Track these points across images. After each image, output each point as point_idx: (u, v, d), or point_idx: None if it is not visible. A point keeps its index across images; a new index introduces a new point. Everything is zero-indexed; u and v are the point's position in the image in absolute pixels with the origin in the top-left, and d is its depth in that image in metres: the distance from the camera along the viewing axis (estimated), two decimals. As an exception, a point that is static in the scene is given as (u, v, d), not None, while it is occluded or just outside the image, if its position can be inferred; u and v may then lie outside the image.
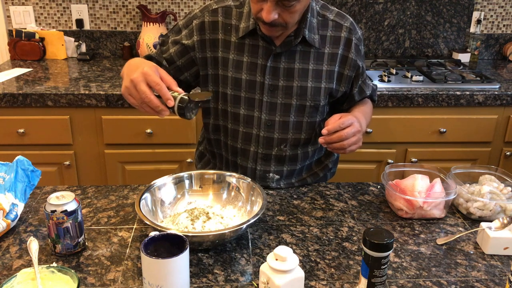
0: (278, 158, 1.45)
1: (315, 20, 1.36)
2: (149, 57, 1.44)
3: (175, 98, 1.15)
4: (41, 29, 2.67)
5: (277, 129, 1.41)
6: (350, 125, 1.26)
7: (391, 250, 0.94)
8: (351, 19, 1.42)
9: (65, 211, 1.05)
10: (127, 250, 1.12)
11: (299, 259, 1.06)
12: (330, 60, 1.39)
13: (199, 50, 1.39)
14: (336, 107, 1.53)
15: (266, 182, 1.47)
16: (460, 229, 1.24)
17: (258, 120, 1.40)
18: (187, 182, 1.31)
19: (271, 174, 1.46)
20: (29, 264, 1.06)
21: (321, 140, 1.26)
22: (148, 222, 1.08)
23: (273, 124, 1.41)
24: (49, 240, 1.09)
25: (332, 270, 1.07)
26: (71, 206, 1.06)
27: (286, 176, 1.48)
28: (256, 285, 1.01)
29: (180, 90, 1.17)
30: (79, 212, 1.08)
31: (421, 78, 2.38)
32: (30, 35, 2.61)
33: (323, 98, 1.41)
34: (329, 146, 1.28)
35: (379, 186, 1.45)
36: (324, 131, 1.25)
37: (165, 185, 1.27)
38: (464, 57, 2.79)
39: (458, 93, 2.26)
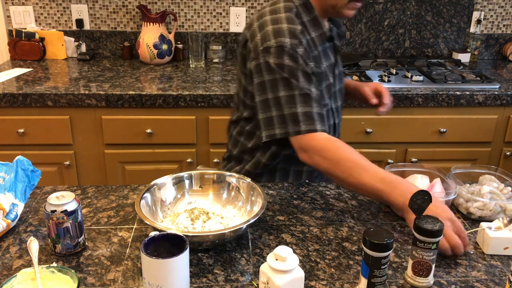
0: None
1: None
2: (309, 114, 1.28)
3: None
4: (41, 29, 2.67)
5: (341, 113, 1.57)
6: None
7: (391, 250, 0.94)
8: None
9: (65, 211, 1.05)
10: (127, 250, 1.12)
11: (299, 259, 1.06)
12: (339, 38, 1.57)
13: (314, 71, 1.36)
14: None
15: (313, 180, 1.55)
16: (460, 229, 1.24)
17: (331, 111, 1.50)
18: (187, 182, 1.31)
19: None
20: (29, 264, 1.06)
21: (383, 110, 1.53)
22: (148, 222, 1.08)
23: (339, 109, 1.56)
24: (49, 240, 1.09)
25: (332, 270, 1.07)
26: (71, 206, 1.06)
27: None
28: (256, 285, 1.01)
29: None
30: (79, 212, 1.08)
31: (421, 78, 2.38)
32: (30, 35, 2.61)
33: None
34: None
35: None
36: (382, 108, 1.54)
37: (165, 185, 1.27)
38: (464, 57, 2.79)
39: (458, 93, 2.26)
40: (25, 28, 2.65)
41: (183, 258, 0.90)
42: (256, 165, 1.50)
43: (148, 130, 2.24)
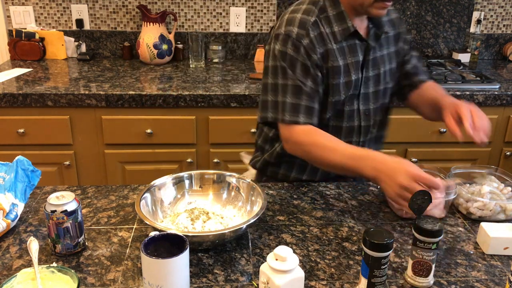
0: (370, 141, 1.53)
1: None
2: (296, 106, 1.34)
3: None
4: (41, 29, 2.67)
5: (372, 116, 1.49)
6: (480, 114, 1.29)
7: (391, 250, 0.94)
8: None
9: (65, 211, 1.05)
10: (127, 250, 1.12)
11: (299, 259, 1.06)
12: (394, 41, 1.51)
13: (320, 67, 1.36)
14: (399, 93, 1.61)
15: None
16: (460, 229, 1.24)
17: (358, 112, 1.46)
18: (187, 182, 1.31)
19: None
20: (29, 264, 1.06)
21: (479, 141, 1.27)
22: (148, 222, 1.08)
23: (369, 112, 1.48)
24: (49, 240, 1.09)
25: (332, 270, 1.07)
26: (71, 206, 1.06)
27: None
28: (256, 285, 1.01)
29: None
30: (79, 212, 1.08)
31: (421, 78, 2.38)
32: (30, 35, 2.61)
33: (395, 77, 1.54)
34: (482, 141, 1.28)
35: (379, 186, 1.45)
36: (483, 139, 1.27)
37: (165, 185, 1.27)
38: (464, 57, 2.79)
39: (458, 93, 2.26)
40: (25, 28, 2.65)
41: (183, 258, 0.90)
42: (271, 154, 1.54)
43: (148, 130, 2.24)
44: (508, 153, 2.40)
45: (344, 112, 1.44)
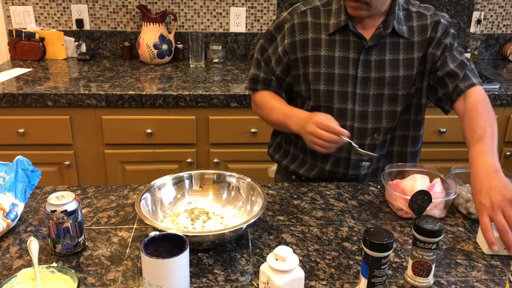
0: (371, 146, 1.48)
1: (401, 13, 1.42)
2: (256, 76, 1.53)
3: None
4: (41, 29, 2.67)
5: (370, 120, 1.45)
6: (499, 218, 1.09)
7: (391, 250, 0.94)
8: (433, 8, 1.47)
9: (65, 211, 1.05)
10: (127, 250, 1.12)
11: (299, 259, 1.06)
12: (420, 46, 1.43)
13: (291, 53, 1.46)
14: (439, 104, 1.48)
15: (358, 171, 1.50)
16: (460, 229, 1.24)
17: (352, 112, 1.44)
18: (187, 182, 1.31)
19: (363, 163, 1.49)
20: (29, 264, 1.06)
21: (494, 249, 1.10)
22: (148, 222, 1.08)
23: (366, 114, 1.45)
24: (49, 240, 1.09)
25: (332, 270, 1.07)
26: (71, 206, 1.06)
27: (375, 162, 1.52)
28: (256, 285, 1.01)
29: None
30: (79, 212, 1.08)
31: (421, 78, 2.37)
32: (30, 35, 2.61)
33: (413, 85, 1.46)
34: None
35: (379, 186, 1.45)
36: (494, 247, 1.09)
37: (165, 185, 1.27)
38: (464, 57, 2.79)
39: (458, 93, 2.26)
40: (25, 28, 2.65)
41: (183, 258, 0.90)
42: (275, 145, 1.65)
43: (148, 130, 2.24)
44: (508, 153, 2.40)
45: (334, 109, 1.43)
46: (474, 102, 1.35)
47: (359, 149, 1.33)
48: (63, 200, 1.06)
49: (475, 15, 2.82)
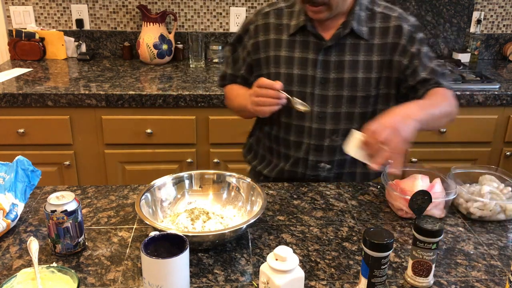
0: (330, 148, 1.47)
1: (363, 13, 1.40)
2: (224, 73, 1.60)
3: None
4: (41, 29, 2.67)
5: (328, 121, 1.44)
6: (383, 136, 1.13)
7: (391, 250, 0.94)
8: (400, 10, 1.44)
9: (65, 211, 1.05)
10: (127, 250, 1.12)
11: (299, 259, 1.06)
12: (380, 50, 1.40)
13: (253, 53, 1.49)
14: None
15: (317, 172, 1.50)
16: (460, 229, 1.24)
17: (310, 112, 1.43)
18: (187, 182, 1.31)
19: (322, 164, 1.49)
20: (29, 264, 1.06)
21: (376, 168, 1.14)
22: (148, 222, 1.08)
23: (325, 116, 1.44)
24: (49, 240, 1.09)
25: (332, 270, 1.07)
26: (71, 206, 1.06)
27: (337, 165, 1.51)
28: (256, 285, 1.01)
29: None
30: (79, 212, 1.08)
31: (421, 78, 2.37)
32: (30, 35, 2.61)
33: (374, 88, 1.43)
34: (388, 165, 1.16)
35: (379, 186, 1.45)
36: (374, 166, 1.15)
37: (165, 185, 1.27)
38: (464, 57, 2.79)
39: (458, 93, 2.26)
40: (25, 28, 2.65)
41: (183, 258, 0.90)
42: (248, 147, 1.70)
43: (148, 130, 2.24)
44: (508, 153, 2.40)
45: (293, 110, 1.42)
46: (435, 91, 1.39)
47: (294, 99, 1.36)
48: (63, 200, 1.06)
49: (475, 15, 2.82)
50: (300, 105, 1.36)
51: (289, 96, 1.34)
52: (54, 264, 0.96)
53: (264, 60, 1.47)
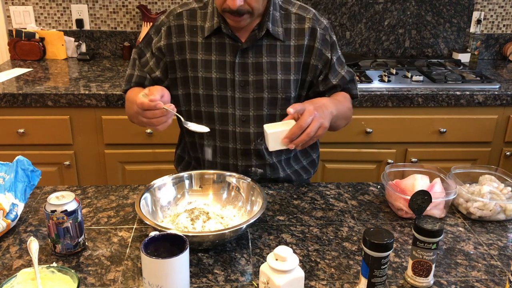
0: (257, 152, 1.45)
1: (278, 13, 1.38)
2: (130, 76, 1.47)
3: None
4: (41, 29, 2.67)
5: (252, 124, 1.42)
6: (311, 120, 1.17)
7: (391, 250, 0.94)
8: (314, 11, 1.44)
9: (65, 211, 1.05)
10: (127, 250, 1.12)
11: (299, 259, 1.06)
12: (297, 51, 1.40)
13: (168, 55, 1.41)
14: None
15: (250, 177, 1.46)
16: (460, 229, 1.24)
17: (233, 116, 1.42)
18: (187, 182, 1.31)
19: (253, 169, 1.47)
20: (29, 264, 1.06)
21: (291, 146, 1.18)
22: (148, 222, 1.08)
23: (248, 119, 1.42)
24: (49, 240, 1.09)
25: (332, 270, 1.07)
26: (71, 206, 1.06)
27: (271, 170, 1.49)
28: (256, 285, 1.01)
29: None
30: (79, 212, 1.08)
31: (421, 78, 2.38)
32: (30, 35, 2.61)
33: (294, 89, 1.42)
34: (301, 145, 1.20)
35: (379, 186, 1.45)
36: (291, 145, 1.18)
37: (165, 185, 1.27)
38: (464, 57, 2.79)
39: (458, 93, 2.26)
40: (25, 28, 2.65)
41: (183, 258, 0.90)
42: (177, 146, 1.65)
43: (148, 130, 2.24)
44: (508, 153, 2.40)
45: (215, 114, 1.41)
46: (338, 93, 1.46)
47: (188, 123, 1.26)
48: (63, 200, 1.06)
49: (475, 15, 2.82)
50: (194, 127, 1.26)
51: (180, 116, 1.25)
52: (54, 264, 0.96)
53: (180, 63, 1.41)
